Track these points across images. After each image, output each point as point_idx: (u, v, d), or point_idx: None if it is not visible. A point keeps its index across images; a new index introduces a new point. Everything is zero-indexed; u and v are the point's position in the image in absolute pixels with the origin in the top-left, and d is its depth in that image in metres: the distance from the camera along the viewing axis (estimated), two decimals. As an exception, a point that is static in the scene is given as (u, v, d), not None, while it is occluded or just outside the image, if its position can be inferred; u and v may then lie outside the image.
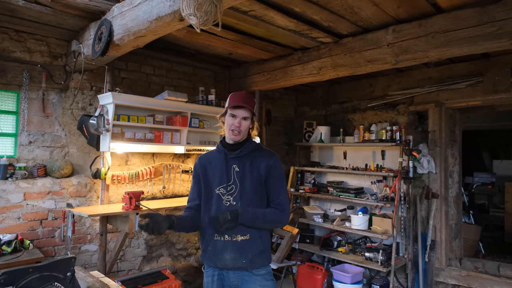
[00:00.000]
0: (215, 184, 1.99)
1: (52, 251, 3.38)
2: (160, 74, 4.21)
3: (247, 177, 1.96)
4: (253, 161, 1.99)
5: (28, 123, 3.30)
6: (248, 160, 1.99)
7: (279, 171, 2.03)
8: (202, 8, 1.73)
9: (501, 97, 3.62)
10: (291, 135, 5.71)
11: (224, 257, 1.93)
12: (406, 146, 4.10)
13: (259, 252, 1.94)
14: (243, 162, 1.99)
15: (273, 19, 2.93)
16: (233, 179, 1.97)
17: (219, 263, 1.94)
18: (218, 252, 1.94)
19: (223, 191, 1.96)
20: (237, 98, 1.98)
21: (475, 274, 3.86)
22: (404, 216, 4.07)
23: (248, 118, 1.98)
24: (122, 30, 2.55)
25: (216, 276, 1.98)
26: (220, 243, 1.94)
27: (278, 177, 2.02)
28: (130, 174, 3.81)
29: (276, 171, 2.01)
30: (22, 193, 3.21)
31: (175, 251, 4.25)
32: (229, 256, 1.92)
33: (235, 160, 1.99)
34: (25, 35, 3.27)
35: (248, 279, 1.93)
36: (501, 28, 2.46)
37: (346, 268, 4.26)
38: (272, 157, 2.03)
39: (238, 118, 1.95)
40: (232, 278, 1.95)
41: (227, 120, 1.99)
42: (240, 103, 1.94)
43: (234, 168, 1.98)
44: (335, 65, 3.42)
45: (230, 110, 1.97)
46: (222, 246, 1.94)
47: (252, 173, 1.96)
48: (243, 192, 1.94)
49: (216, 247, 1.95)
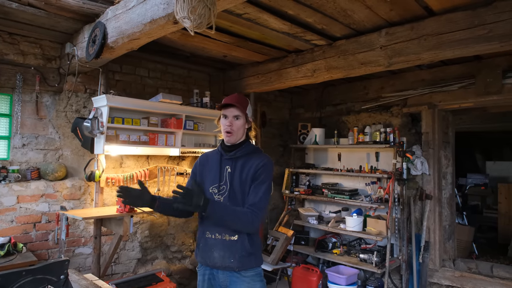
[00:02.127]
0: (209, 183, 2.02)
1: (46, 254, 3.35)
2: (154, 77, 4.21)
3: (236, 178, 1.97)
4: (245, 163, 2.00)
5: (21, 126, 3.28)
6: (240, 162, 2.00)
7: (265, 175, 1.96)
8: (196, 11, 1.74)
9: (493, 99, 3.66)
10: (286, 137, 5.72)
11: (213, 254, 1.95)
12: (399, 147, 4.13)
13: (247, 254, 1.93)
14: (236, 163, 2.00)
15: (267, 22, 2.95)
16: (224, 180, 1.99)
17: (209, 260, 1.97)
18: (208, 249, 1.97)
19: (215, 191, 1.99)
20: (227, 98, 2.02)
21: (468, 274, 3.89)
22: (398, 218, 4.09)
23: (240, 117, 1.99)
24: (116, 32, 2.55)
25: (207, 276, 2.01)
26: (210, 241, 1.97)
27: (262, 180, 1.95)
28: (124, 176, 3.80)
29: (262, 174, 1.95)
30: (15, 196, 3.19)
31: (170, 254, 4.24)
32: (218, 254, 1.94)
33: (229, 161, 2.01)
34: (19, 38, 3.25)
35: (237, 280, 1.94)
36: (491, 30, 2.49)
37: (341, 269, 4.28)
38: (262, 160, 1.99)
39: (229, 118, 1.98)
40: (221, 278, 1.97)
41: (221, 122, 2.03)
42: (228, 102, 1.98)
43: (227, 169, 2.00)
44: (329, 68, 3.44)
45: (221, 111, 2.01)
46: (212, 244, 1.96)
47: (242, 175, 1.97)
48: (232, 193, 1.96)
49: (206, 244, 1.98)
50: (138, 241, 3.96)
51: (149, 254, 4.06)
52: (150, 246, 4.07)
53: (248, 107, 2.04)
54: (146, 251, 4.03)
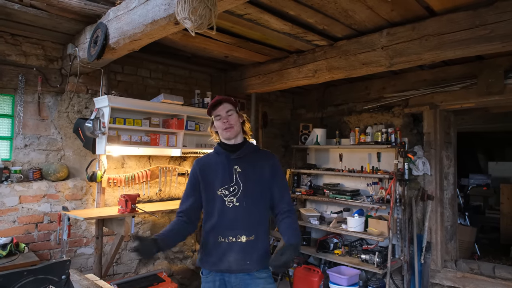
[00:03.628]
0: (217, 185, 1.96)
1: (48, 254, 3.37)
2: (156, 77, 4.22)
3: (250, 177, 1.96)
4: (255, 162, 2.01)
5: (23, 126, 3.30)
6: (249, 160, 2.00)
7: (281, 171, 2.08)
8: (196, 12, 1.74)
9: (495, 99, 3.65)
10: (287, 137, 5.72)
11: (228, 259, 1.90)
12: (401, 148, 4.12)
13: (264, 252, 1.95)
14: (245, 163, 1.99)
15: (268, 23, 2.95)
16: (235, 180, 1.95)
17: (222, 266, 1.91)
18: (222, 254, 1.92)
19: (225, 192, 1.94)
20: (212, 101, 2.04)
21: (470, 275, 3.88)
22: (400, 218, 4.08)
23: (232, 111, 2.01)
24: (118, 33, 2.56)
25: (218, 282, 1.94)
26: (224, 245, 1.92)
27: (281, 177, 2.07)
28: (126, 177, 3.81)
29: (280, 171, 2.06)
30: (17, 197, 3.20)
31: (171, 254, 4.24)
32: (234, 258, 1.90)
33: (237, 161, 1.99)
34: (21, 39, 3.27)
35: (251, 282, 1.91)
36: (493, 31, 2.49)
37: (342, 270, 4.27)
38: (273, 158, 2.08)
39: (223, 116, 1.99)
40: (234, 282, 1.92)
41: (216, 125, 2.03)
42: (215, 101, 2.00)
43: (236, 169, 1.97)
44: (330, 68, 3.44)
45: (212, 115, 2.03)
46: (226, 248, 1.91)
47: (255, 174, 1.97)
48: (246, 193, 1.93)
49: (220, 249, 1.93)
50: (139, 242, 3.96)
51: (151, 254, 4.06)
52: (152, 246, 4.06)
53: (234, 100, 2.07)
54: (147, 251, 4.03)
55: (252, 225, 1.94)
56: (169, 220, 4.21)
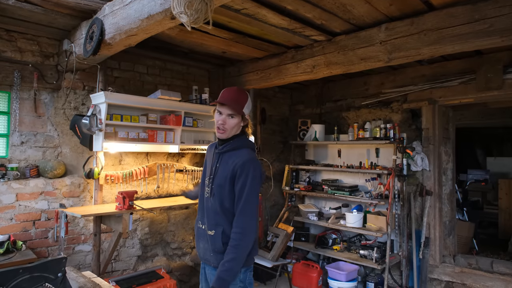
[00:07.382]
0: (206, 174, 2.08)
1: (45, 252, 3.35)
2: (153, 73, 4.19)
3: (219, 174, 1.97)
4: (229, 159, 1.96)
5: (20, 123, 3.27)
6: (225, 156, 1.99)
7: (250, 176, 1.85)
8: (192, 6, 1.72)
9: (494, 94, 3.64)
10: (285, 133, 5.71)
11: (199, 245, 2.03)
12: (400, 143, 4.11)
13: (219, 252, 1.90)
14: (222, 158, 2.01)
15: (265, 17, 2.92)
16: (213, 173, 2.01)
17: (198, 251, 2.05)
18: (197, 239, 2.05)
19: (207, 182, 2.04)
20: (224, 94, 1.98)
21: (468, 270, 3.89)
22: (398, 214, 4.09)
23: (235, 116, 1.94)
24: (114, 29, 2.53)
25: (202, 269, 2.07)
26: (200, 231, 2.04)
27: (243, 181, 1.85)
28: (123, 173, 3.79)
29: (245, 175, 1.85)
30: (14, 194, 3.18)
31: (170, 251, 4.24)
32: (203, 245, 2.00)
33: (220, 155, 2.02)
34: (16, 35, 3.23)
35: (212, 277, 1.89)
36: (492, 25, 2.47)
37: (341, 266, 4.28)
38: (246, 159, 1.89)
39: (223, 115, 1.95)
40: (208, 273, 2.00)
41: (215, 115, 1.99)
42: (224, 101, 1.93)
43: (216, 163, 2.02)
44: (328, 63, 3.42)
45: (217, 105, 1.97)
46: (200, 234, 2.03)
47: (224, 171, 1.95)
48: (214, 188, 1.97)
49: (198, 235, 2.06)
50: (138, 238, 3.96)
51: (149, 251, 4.06)
52: (150, 243, 4.07)
53: (246, 105, 1.98)
54: (146, 248, 4.03)
55: (214, 220, 1.94)
56: (168, 216, 4.20)
